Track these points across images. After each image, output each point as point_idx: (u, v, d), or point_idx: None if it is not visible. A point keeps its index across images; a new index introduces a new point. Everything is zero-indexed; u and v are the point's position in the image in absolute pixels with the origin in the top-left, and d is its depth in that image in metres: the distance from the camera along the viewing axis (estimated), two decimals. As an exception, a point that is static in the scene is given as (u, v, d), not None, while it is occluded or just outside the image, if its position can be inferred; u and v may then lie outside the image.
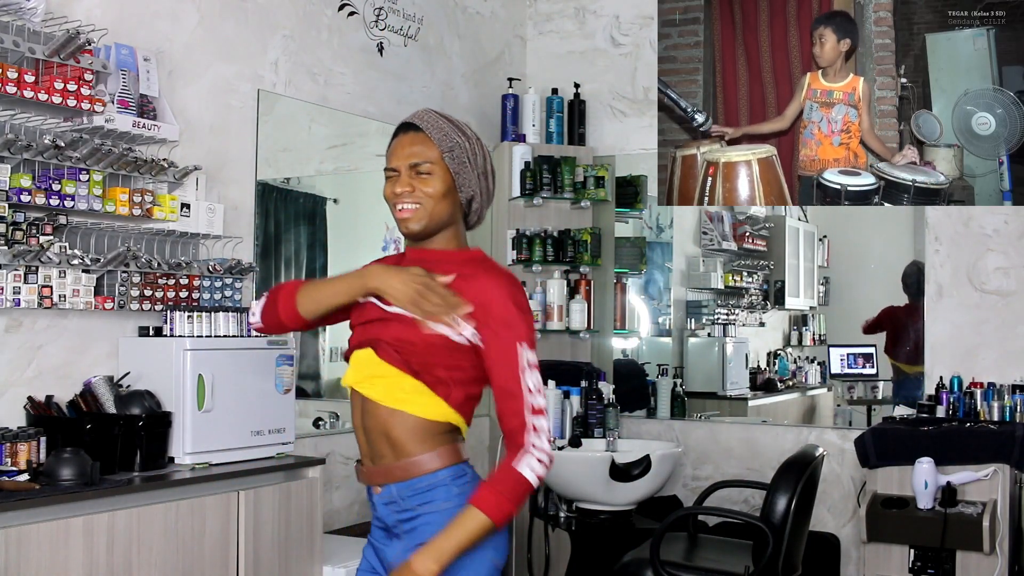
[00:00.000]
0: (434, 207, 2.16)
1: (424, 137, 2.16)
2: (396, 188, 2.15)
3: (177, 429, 3.06)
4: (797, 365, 5.89)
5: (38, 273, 2.93)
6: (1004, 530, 3.82)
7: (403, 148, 2.17)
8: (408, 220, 2.15)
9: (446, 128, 2.18)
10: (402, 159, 2.15)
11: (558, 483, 4.15)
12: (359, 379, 2.16)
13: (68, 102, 2.97)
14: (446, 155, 2.16)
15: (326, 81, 4.13)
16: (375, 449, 2.16)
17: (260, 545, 3.09)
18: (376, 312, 2.16)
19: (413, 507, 2.12)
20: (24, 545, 2.49)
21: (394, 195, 2.16)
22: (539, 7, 5.31)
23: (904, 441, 3.97)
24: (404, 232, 2.19)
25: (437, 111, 2.23)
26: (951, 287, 4.43)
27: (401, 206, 2.15)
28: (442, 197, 2.16)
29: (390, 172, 2.18)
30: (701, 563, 3.57)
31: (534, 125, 4.99)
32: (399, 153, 2.17)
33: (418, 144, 2.16)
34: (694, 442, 4.84)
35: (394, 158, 2.17)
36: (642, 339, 5.45)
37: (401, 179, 2.15)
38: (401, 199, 2.15)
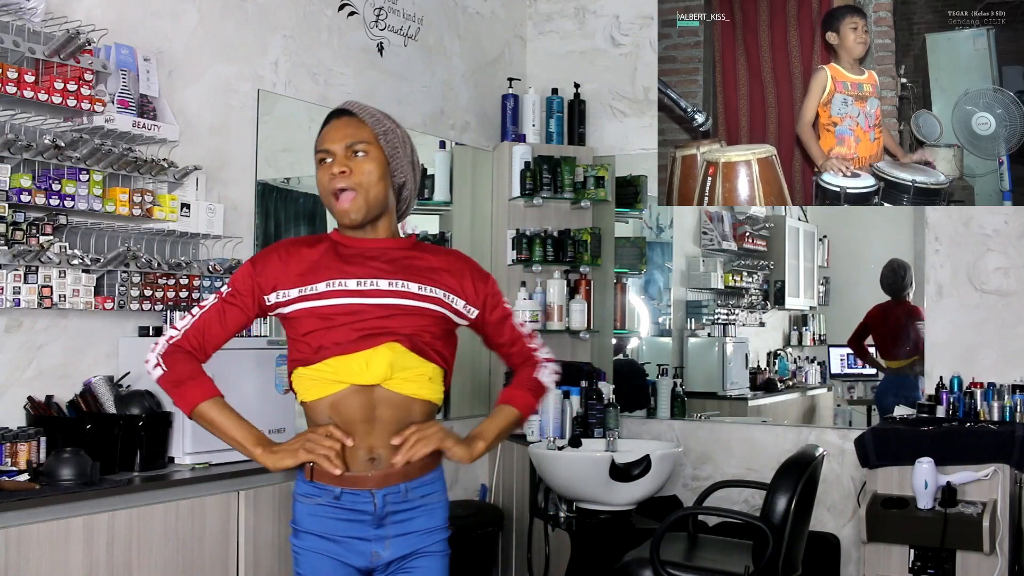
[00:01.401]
0: (372, 191, 2.17)
1: (358, 121, 2.19)
2: (333, 169, 2.15)
3: (177, 429, 3.06)
4: (797, 365, 5.89)
5: (38, 273, 2.94)
6: (1004, 530, 3.82)
7: (337, 131, 2.19)
8: (349, 211, 2.16)
9: (377, 114, 2.23)
10: (337, 141, 2.17)
11: (558, 483, 4.15)
12: (388, 375, 2.14)
13: (68, 102, 2.97)
14: (380, 137, 2.19)
15: (326, 81, 4.13)
16: (381, 441, 2.15)
17: (260, 545, 3.09)
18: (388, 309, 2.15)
19: (417, 498, 2.20)
20: (24, 545, 2.49)
21: (331, 178, 2.16)
22: (539, 7, 5.31)
23: (904, 441, 3.97)
24: (346, 223, 2.19)
25: (363, 103, 2.27)
26: (951, 287, 4.43)
27: (341, 195, 2.16)
28: (379, 180, 2.18)
29: (323, 154, 2.18)
30: (701, 563, 3.57)
31: (534, 125, 4.99)
32: (332, 136, 2.18)
33: (351, 126, 2.19)
34: (694, 442, 4.84)
35: (327, 141, 2.19)
36: (642, 339, 5.46)
37: (337, 159, 2.16)
38: (338, 181, 2.15)
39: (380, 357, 2.13)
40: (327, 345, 2.14)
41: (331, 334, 2.14)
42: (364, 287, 2.16)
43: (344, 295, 2.15)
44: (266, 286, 2.18)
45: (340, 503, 2.16)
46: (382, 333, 2.14)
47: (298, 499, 2.21)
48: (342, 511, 2.16)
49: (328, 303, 2.15)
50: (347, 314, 2.14)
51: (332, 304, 2.15)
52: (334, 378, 2.14)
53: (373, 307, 2.15)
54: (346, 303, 2.15)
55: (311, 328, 2.15)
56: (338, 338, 2.14)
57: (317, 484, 2.17)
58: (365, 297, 2.15)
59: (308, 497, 2.18)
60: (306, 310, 2.15)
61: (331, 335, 2.14)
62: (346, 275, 2.16)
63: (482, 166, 4.97)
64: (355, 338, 2.14)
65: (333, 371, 2.14)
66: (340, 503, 2.16)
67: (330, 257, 2.19)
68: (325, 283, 2.15)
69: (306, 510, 2.19)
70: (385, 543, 2.18)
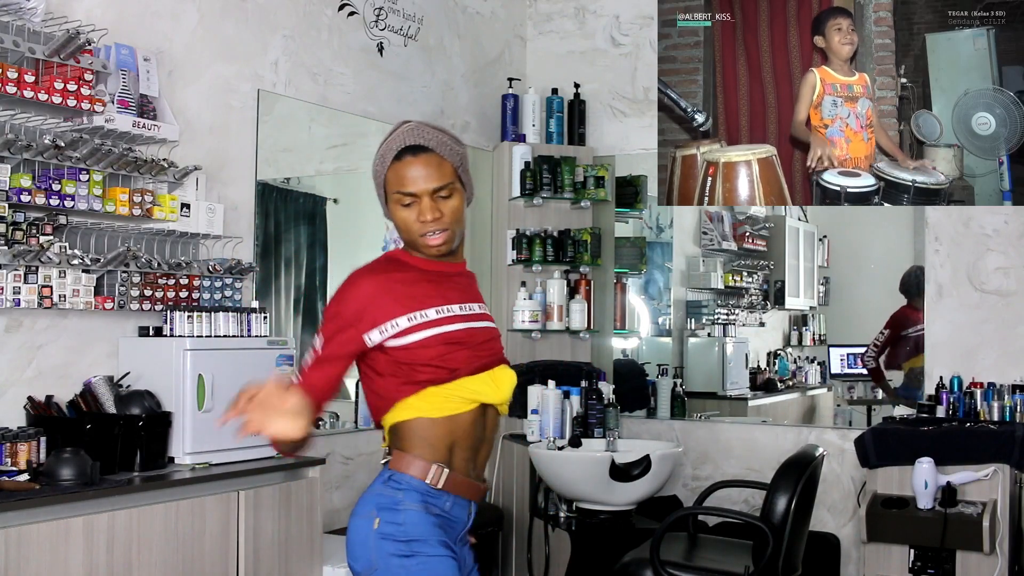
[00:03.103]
0: (459, 224, 2.21)
1: (438, 159, 2.16)
2: (425, 216, 2.14)
3: (177, 429, 3.06)
4: (797, 365, 5.89)
5: (38, 273, 2.94)
6: (1004, 530, 3.82)
7: (418, 171, 2.14)
8: (441, 247, 2.18)
9: (448, 142, 2.19)
10: (422, 184, 2.13)
11: (558, 483, 4.15)
12: (506, 397, 2.23)
13: (68, 102, 2.97)
14: (459, 169, 2.19)
15: (326, 81, 4.13)
16: (480, 462, 2.25)
17: (260, 545, 3.09)
18: (488, 332, 2.25)
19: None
20: (24, 545, 2.49)
21: (422, 224, 2.15)
22: (539, 7, 5.31)
23: (904, 441, 3.97)
24: (434, 255, 2.20)
25: (426, 123, 2.21)
26: (951, 287, 4.43)
27: (431, 236, 2.16)
28: (463, 210, 2.21)
29: (408, 198, 2.14)
30: (701, 563, 3.57)
31: (534, 125, 4.99)
32: (415, 178, 2.14)
33: (432, 166, 2.15)
34: (694, 442, 4.84)
35: (410, 184, 2.14)
36: (642, 339, 5.45)
37: (424, 205, 2.14)
38: (430, 226, 2.15)
39: (506, 378, 2.23)
40: (460, 367, 2.17)
41: (459, 355, 2.17)
42: (466, 312, 2.22)
43: (457, 320, 2.19)
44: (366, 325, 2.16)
45: (448, 511, 2.19)
46: (493, 355, 2.24)
47: (406, 508, 2.15)
48: (445, 518, 2.18)
49: (450, 328, 2.17)
50: (462, 339, 2.18)
51: (452, 330, 2.17)
52: (472, 397, 2.18)
53: (478, 331, 2.23)
54: (461, 328, 2.19)
55: (440, 353, 2.16)
56: (467, 359, 2.18)
57: (442, 492, 2.17)
58: (470, 321, 2.22)
59: (427, 505, 2.16)
60: (432, 337, 2.16)
61: (459, 356, 2.17)
62: (449, 300, 2.20)
63: (482, 166, 4.97)
64: (481, 362, 2.21)
65: (471, 391, 2.18)
66: (448, 511, 2.19)
67: (427, 283, 2.20)
68: (435, 309, 2.17)
69: (420, 518, 2.14)
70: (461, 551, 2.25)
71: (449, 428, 2.17)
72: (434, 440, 2.16)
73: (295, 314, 4.28)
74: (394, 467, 2.17)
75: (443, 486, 2.16)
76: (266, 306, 3.55)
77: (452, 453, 2.18)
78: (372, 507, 2.15)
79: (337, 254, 4.44)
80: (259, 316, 3.35)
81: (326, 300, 4.47)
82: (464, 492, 2.20)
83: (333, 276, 4.45)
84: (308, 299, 4.34)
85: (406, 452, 2.16)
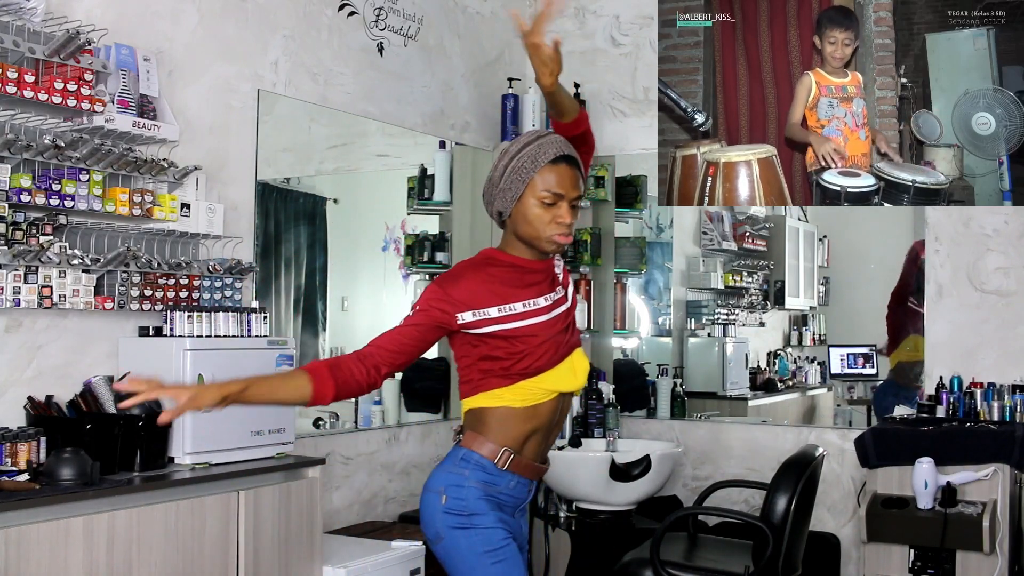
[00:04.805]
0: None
1: (579, 174, 2.44)
2: (565, 218, 2.40)
3: (177, 429, 3.06)
4: (797, 365, 5.89)
5: (38, 273, 2.93)
6: (1004, 530, 3.82)
7: (568, 180, 2.41)
8: (564, 244, 2.44)
9: (578, 162, 2.47)
10: (571, 191, 2.41)
11: (558, 483, 4.15)
12: (582, 383, 2.48)
13: (68, 102, 2.97)
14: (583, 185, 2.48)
15: (326, 81, 4.13)
16: (550, 444, 2.51)
17: (260, 545, 3.09)
18: (565, 319, 2.47)
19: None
20: (24, 545, 2.49)
21: (558, 224, 2.40)
22: (539, 7, 5.28)
23: (904, 441, 3.97)
24: (552, 250, 2.45)
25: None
26: (951, 287, 4.43)
27: (563, 233, 2.41)
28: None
29: (555, 197, 2.39)
30: (701, 563, 3.57)
31: (534, 125, 4.98)
32: (566, 184, 2.40)
33: (577, 178, 2.43)
34: (694, 442, 4.84)
35: (561, 186, 2.40)
36: (642, 339, 5.46)
37: (565, 208, 2.40)
38: (564, 229, 2.41)
39: (582, 364, 2.47)
40: (543, 364, 2.40)
41: (541, 348, 2.40)
42: (549, 301, 2.44)
43: (541, 312, 2.41)
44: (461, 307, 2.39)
45: (511, 491, 2.43)
46: (570, 344, 2.46)
47: (469, 486, 2.39)
48: (506, 495, 2.42)
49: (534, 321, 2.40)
50: (542, 331, 2.40)
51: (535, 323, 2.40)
52: (552, 388, 2.42)
53: (559, 318, 2.44)
54: (543, 320, 2.41)
55: (522, 349, 2.39)
56: (548, 353, 2.41)
57: (505, 471, 2.41)
58: (553, 310, 2.43)
59: (489, 484, 2.40)
60: (522, 328, 2.39)
61: (541, 350, 2.40)
62: (537, 294, 2.43)
63: (482, 166, 4.97)
64: (560, 354, 2.43)
65: (552, 382, 2.42)
66: (511, 491, 2.43)
67: (518, 278, 2.44)
68: (522, 303, 2.40)
69: (479, 494, 2.39)
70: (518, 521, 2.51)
71: (529, 417, 2.41)
72: (512, 428, 2.41)
73: (295, 314, 4.29)
74: (466, 445, 2.42)
75: (508, 467, 2.41)
76: (266, 306, 3.55)
77: (527, 440, 2.42)
78: (442, 484, 2.41)
79: (337, 254, 4.45)
80: (259, 316, 3.35)
81: (326, 300, 4.49)
82: (526, 473, 2.44)
83: (333, 276, 4.45)
84: (308, 299, 4.35)
85: (479, 434, 2.41)
